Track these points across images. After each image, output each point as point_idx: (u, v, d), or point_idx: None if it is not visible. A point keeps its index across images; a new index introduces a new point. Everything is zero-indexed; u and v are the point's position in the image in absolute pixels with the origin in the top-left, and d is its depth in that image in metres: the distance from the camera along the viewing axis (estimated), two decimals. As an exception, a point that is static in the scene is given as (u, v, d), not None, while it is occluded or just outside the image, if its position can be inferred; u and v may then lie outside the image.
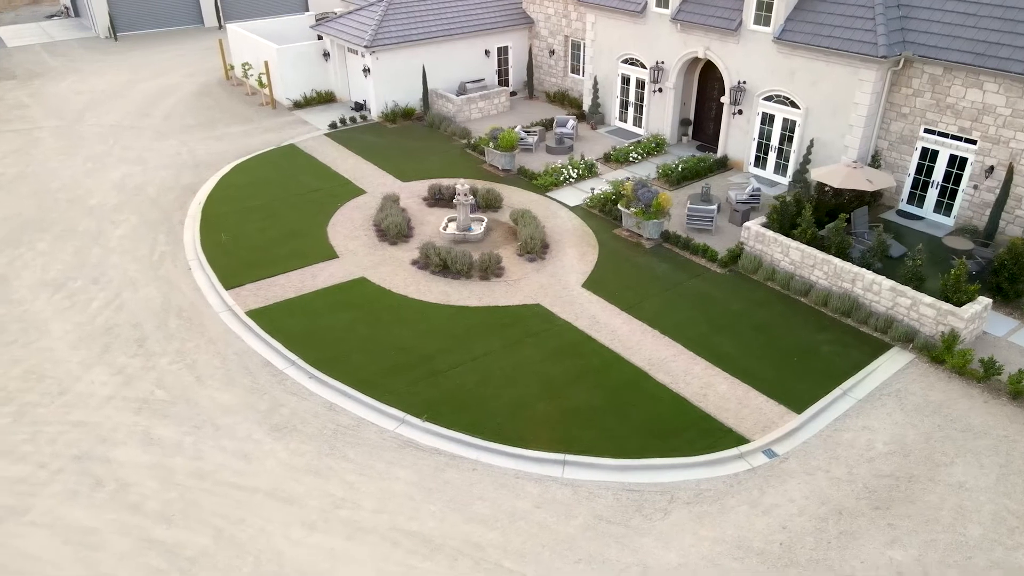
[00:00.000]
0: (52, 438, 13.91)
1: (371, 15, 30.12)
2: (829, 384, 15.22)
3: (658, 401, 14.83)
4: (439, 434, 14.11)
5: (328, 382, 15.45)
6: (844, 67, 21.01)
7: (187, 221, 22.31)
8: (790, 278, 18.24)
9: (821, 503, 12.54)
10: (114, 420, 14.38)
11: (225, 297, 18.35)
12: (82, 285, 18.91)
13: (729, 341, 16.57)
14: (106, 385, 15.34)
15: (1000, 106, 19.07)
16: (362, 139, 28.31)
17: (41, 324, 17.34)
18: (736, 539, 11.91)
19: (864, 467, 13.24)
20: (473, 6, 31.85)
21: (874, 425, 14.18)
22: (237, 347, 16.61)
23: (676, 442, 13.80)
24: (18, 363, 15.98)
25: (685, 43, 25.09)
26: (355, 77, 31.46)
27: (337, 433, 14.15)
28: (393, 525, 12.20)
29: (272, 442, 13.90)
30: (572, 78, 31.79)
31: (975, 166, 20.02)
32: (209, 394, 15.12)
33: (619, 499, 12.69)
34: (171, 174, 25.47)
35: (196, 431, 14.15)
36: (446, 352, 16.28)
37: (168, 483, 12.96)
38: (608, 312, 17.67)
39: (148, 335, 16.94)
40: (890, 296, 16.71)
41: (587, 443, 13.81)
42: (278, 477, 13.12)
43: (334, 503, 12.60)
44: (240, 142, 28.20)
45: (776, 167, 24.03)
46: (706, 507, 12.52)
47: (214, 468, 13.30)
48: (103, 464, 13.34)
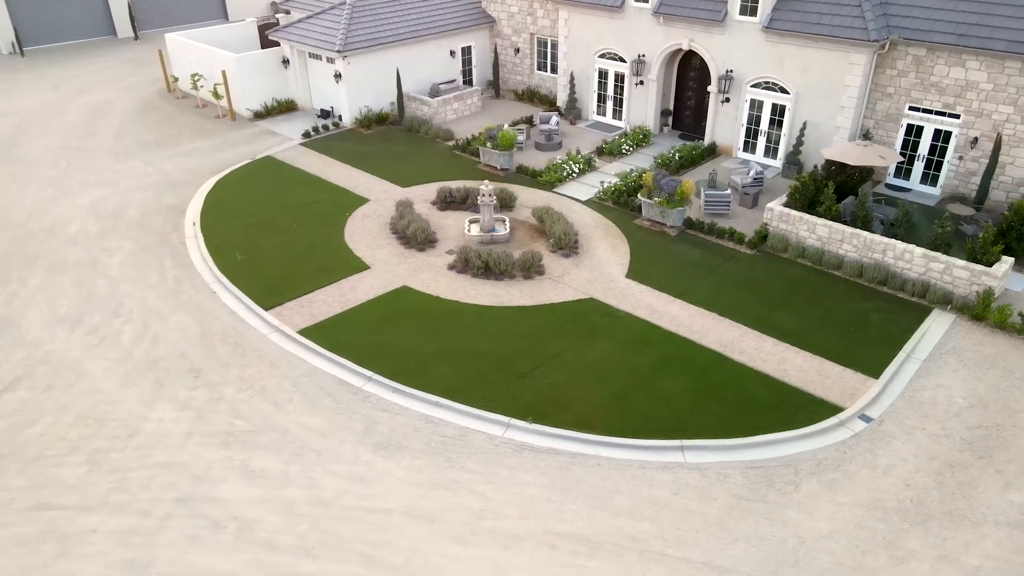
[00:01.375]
0: (143, 483, 12.84)
1: (335, 19, 29.22)
2: (892, 349, 16.17)
3: (745, 380, 15.30)
4: (550, 434, 14.01)
5: (415, 394, 15.01)
6: (834, 52, 22.27)
7: (188, 242, 20.99)
8: (821, 254, 19.20)
9: (931, 459, 13.36)
10: (203, 457, 13.43)
11: (267, 318, 17.43)
12: (102, 319, 17.47)
13: (786, 317, 17.28)
14: (178, 422, 14.28)
15: (982, 82, 20.78)
16: (343, 147, 27.45)
17: (74, 365, 15.91)
18: (870, 501, 12.51)
19: (954, 421, 14.19)
20: (435, 7, 31.48)
21: (946, 382, 15.21)
22: (303, 368, 15.83)
23: (778, 417, 14.31)
24: (67, 409, 14.61)
25: (667, 36, 25.81)
26: (318, 83, 30.44)
27: (446, 445, 13.78)
28: (544, 529, 12.05)
29: (383, 461, 13.39)
30: (540, 75, 32.00)
31: (960, 139, 21.72)
32: (295, 420, 14.37)
33: (748, 477, 13.05)
34: (149, 195, 23.85)
35: (298, 459, 13.42)
36: (522, 353, 16.15)
37: (292, 516, 12.25)
38: (662, 300, 18.02)
39: (200, 365, 15.88)
40: (922, 262, 17.92)
41: (697, 427, 14.09)
42: (406, 496, 12.66)
43: (475, 515, 12.30)
44: (211, 157, 26.73)
45: (766, 151, 25.15)
46: (831, 475, 13.07)
47: (334, 494, 12.68)
48: (212, 503, 12.45)
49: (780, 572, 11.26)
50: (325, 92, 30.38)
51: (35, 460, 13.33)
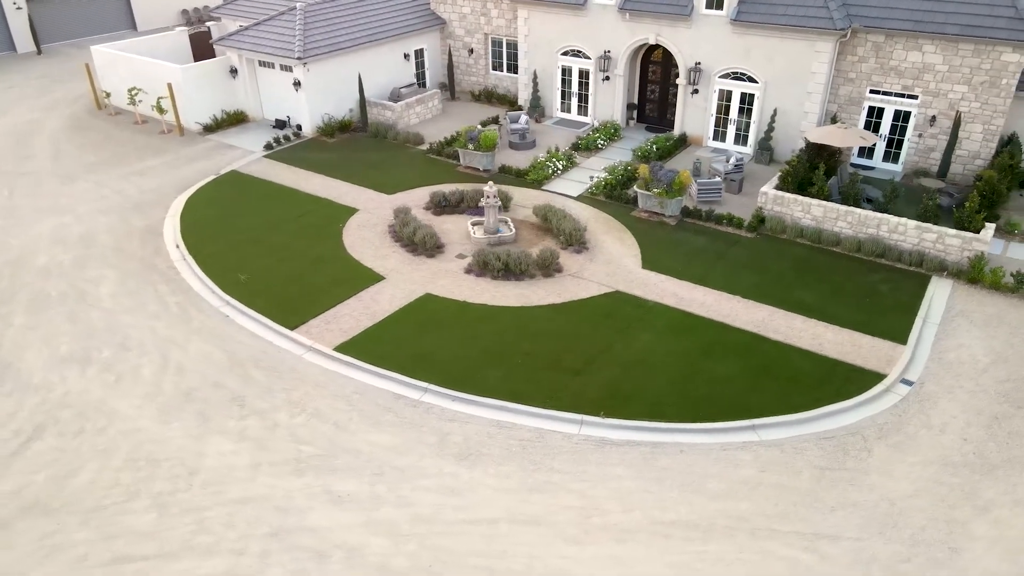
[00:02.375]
0: (225, 522, 12.07)
1: (287, 25, 28.19)
2: (908, 316, 17.26)
3: (788, 357, 15.95)
4: (624, 426, 14.15)
5: (479, 401, 14.80)
6: (800, 41, 23.45)
7: (178, 266, 19.79)
8: (819, 233, 20.22)
9: (977, 413, 14.38)
10: (280, 487, 12.76)
11: (296, 338, 16.71)
12: (113, 354, 16.24)
13: (804, 294, 18.11)
14: (238, 454, 13.49)
15: (938, 64, 22.43)
16: (311, 157, 26.55)
17: (99, 405, 14.72)
18: (938, 458, 13.35)
19: (983, 378, 15.33)
20: (386, 10, 30.90)
21: (965, 342, 16.39)
22: (352, 386, 15.29)
23: (830, 389, 15.01)
24: (110, 452, 13.52)
25: (633, 31, 26.40)
26: (270, 93, 29.29)
27: (526, 448, 13.68)
28: (651, 519, 12.18)
29: (468, 472, 13.14)
30: (496, 75, 31.99)
31: (918, 118, 23.36)
32: (362, 439, 13.87)
33: (823, 448, 13.64)
34: (114, 219, 22.29)
35: (380, 478, 12.97)
36: (569, 351, 16.20)
37: (397, 536, 11.84)
38: (684, 287, 18.49)
39: (241, 393, 15.04)
40: (916, 234, 19.19)
41: (758, 406, 14.58)
42: (504, 503, 12.49)
43: (580, 513, 12.29)
44: (170, 175, 25.25)
45: (736, 138, 26.18)
46: (895, 438, 13.85)
47: (432, 510, 12.35)
48: (308, 534, 11.86)
49: (885, 534, 11.86)
50: (278, 101, 29.25)
51: (95, 510, 12.28)
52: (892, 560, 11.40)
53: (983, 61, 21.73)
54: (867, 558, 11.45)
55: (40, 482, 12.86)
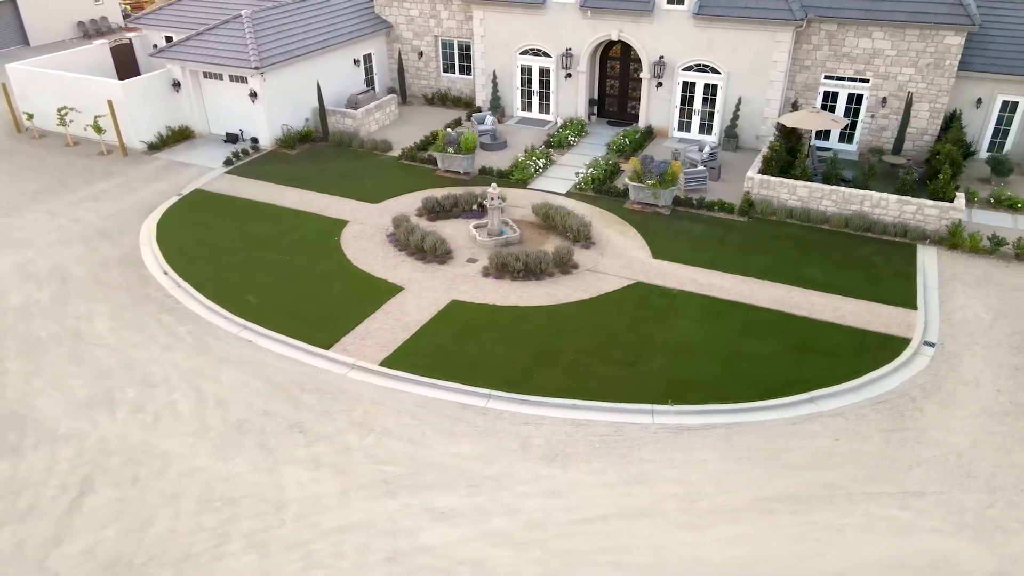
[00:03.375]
0: (335, 552, 11.51)
1: (235, 34, 26.89)
2: (908, 283, 18.54)
3: (819, 331, 16.79)
4: (694, 412, 14.50)
5: (547, 402, 14.76)
6: (761, 32, 24.64)
7: (175, 294, 18.59)
8: (807, 212, 21.35)
9: (999, 366, 15.68)
10: (378, 510, 12.28)
11: (335, 357, 16.09)
12: (139, 392, 15.07)
13: (812, 270, 19.09)
14: (320, 482, 12.87)
15: (887, 49, 24.14)
16: (278, 170, 25.47)
17: (146, 448, 13.64)
18: (981, 410, 14.47)
19: (993, 333, 16.71)
20: (333, 15, 30.02)
21: (966, 303, 17.79)
22: (411, 400, 14.89)
23: (868, 356, 15.93)
24: (180, 497, 12.57)
25: (595, 28, 26.89)
26: (217, 106, 27.88)
27: (609, 443, 13.78)
28: (753, 497, 12.58)
29: (563, 472, 13.11)
30: (448, 77, 31.72)
31: (870, 100, 25.06)
32: (443, 452, 13.55)
33: (880, 412, 14.49)
34: (82, 250, 20.64)
35: (477, 489, 12.73)
36: (615, 344, 16.40)
37: (517, 545, 11.67)
38: (700, 273, 19.08)
39: (296, 419, 14.34)
40: (897, 207, 20.62)
41: (808, 379, 15.30)
42: (609, 499, 12.55)
43: (685, 500, 12.53)
44: (127, 199, 23.61)
45: (701, 128, 27.17)
46: (938, 395, 14.89)
47: (542, 515, 12.24)
48: (426, 554, 11.49)
49: (963, 484, 12.77)
50: (227, 114, 27.87)
51: (187, 559, 11.40)
52: (979, 507, 12.30)
53: (928, 45, 23.58)
54: (957, 508, 12.30)
55: (112, 537, 11.80)
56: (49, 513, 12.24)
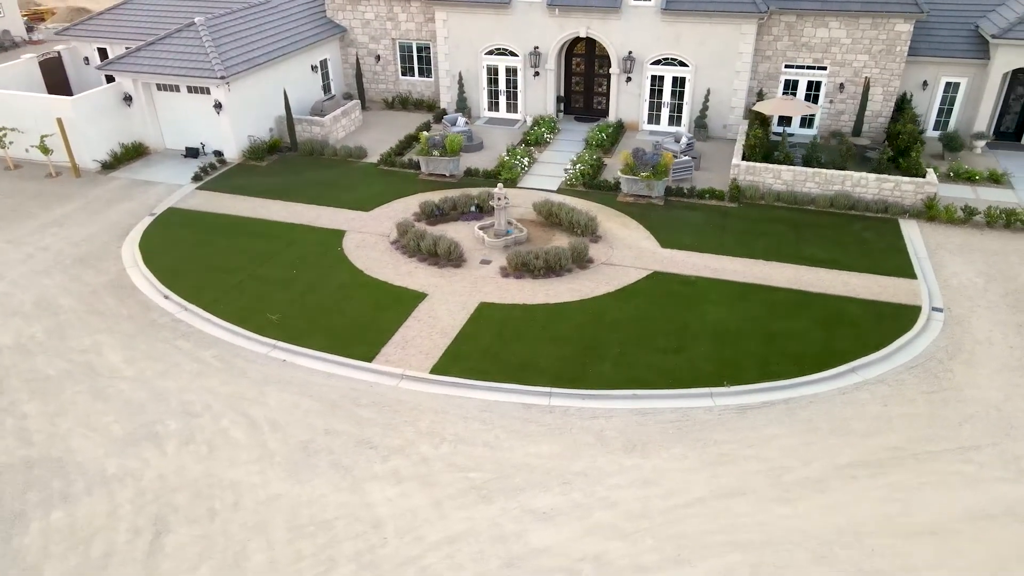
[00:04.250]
0: (451, 564, 11.27)
1: (190, 43, 25.63)
2: (901, 255, 19.77)
3: (837, 306, 17.67)
4: (750, 391, 15.00)
5: (609, 394, 14.93)
6: (727, 25, 25.61)
7: (183, 317, 17.64)
8: (793, 195, 22.39)
9: (1003, 325, 16.97)
10: (477, 517, 12.11)
11: (381, 369, 15.70)
12: (182, 424, 14.23)
13: (812, 249, 20.04)
14: (409, 495, 12.55)
15: (843, 37, 25.60)
16: (253, 183, 24.48)
17: (213, 481, 12.91)
18: (1002, 366, 15.65)
19: (988, 295, 18.07)
20: (287, 20, 29.06)
21: (957, 270, 19.15)
22: (472, 405, 14.72)
23: (889, 326, 16.90)
24: (267, 527, 11.98)
25: (563, 26, 27.21)
26: (173, 119, 26.56)
27: (680, 428, 14.08)
28: (831, 466, 13.14)
29: (646, 460, 13.30)
30: (407, 81, 31.30)
31: (828, 86, 26.51)
32: (524, 452, 13.48)
33: (915, 375, 15.44)
34: (63, 279, 19.26)
35: (570, 486, 12.75)
36: (654, 333, 16.73)
37: (629, 535, 11.76)
38: (710, 259, 19.70)
39: (362, 434, 13.91)
40: (876, 185, 21.94)
41: (841, 351, 16.10)
42: (699, 481, 12.83)
43: (771, 475, 12.95)
44: (96, 222, 22.17)
45: (670, 120, 27.96)
46: (961, 356, 15.99)
47: (640, 504, 12.39)
48: (544, 555, 11.42)
49: (1009, 435, 13.80)
50: (185, 127, 26.56)
51: (301, 590, 10.91)
52: (1030, 454, 13.36)
53: (880, 32, 25.17)
54: (1012, 457, 13.29)
55: (209, 574, 11.12)
56: (130, 558, 11.41)
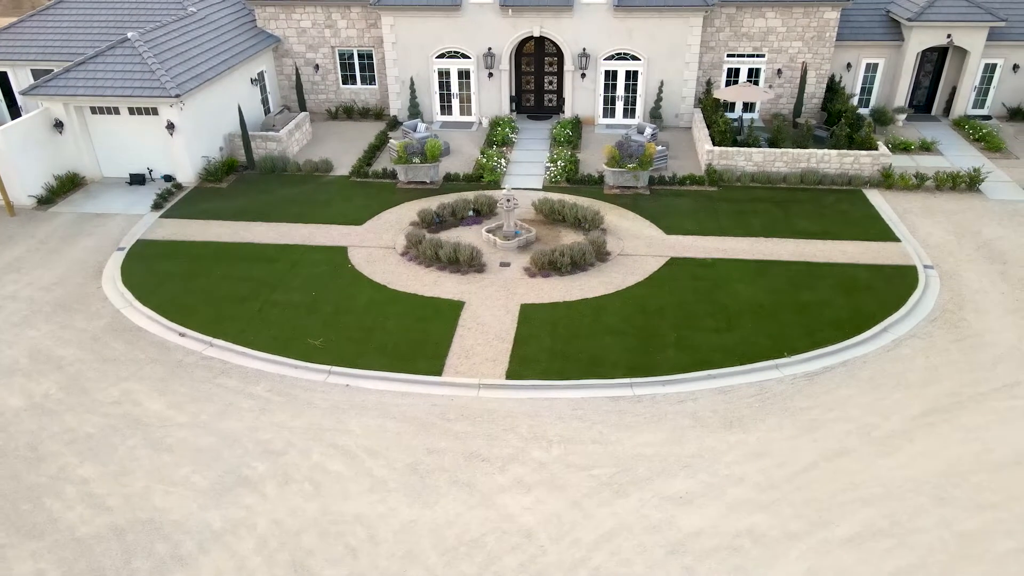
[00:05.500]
0: (620, 560, 11.32)
1: (127, 60, 23.67)
2: (877, 221, 21.58)
3: (846, 273, 19.07)
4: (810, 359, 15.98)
5: (686, 378, 15.44)
6: (676, 19, 26.80)
7: (212, 354, 16.44)
8: (766, 175, 23.87)
9: (988, 275, 18.98)
10: (622, 512, 12.21)
11: (455, 380, 15.38)
12: (270, 464, 13.33)
13: (803, 223, 21.47)
14: (543, 502, 12.43)
15: (779, 26, 27.49)
16: (223, 207, 23.01)
17: (333, 517, 12.20)
18: (1005, 311, 17.53)
19: (963, 250, 20.11)
20: (221, 32, 27.40)
21: (928, 230, 21.17)
22: (562, 406, 14.75)
23: (898, 284, 18.46)
24: (416, 556, 11.49)
25: (515, 26, 27.41)
26: (111, 144, 24.50)
27: (763, 400, 14.79)
28: (908, 418, 14.30)
29: (747, 435, 13.90)
30: (349, 90, 30.36)
31: (767, 72, 28.37)
32: (633, 443, 13.70)
33: (938, 327, 17.01)
34: (51, 328, 17.42)
35: (691, 469, 13.12)
36: (699, 315, 17.39)
37: (767, 506, 12.29)
38: (716, 241, 20.67)
39: (467, 448, 13.61)
40: (838, 160, 23.81)
41: (871, 312, 17.44)
42: (803, 447, 13.57)
43: (861, 433, 13.89)
44: (57, 264, 20.15)
45: (624, 112, 28.88)
46: (968, 306, 17.73)
47: (763, 476, 12.95)
48: (698, 537, 11.72)
49: (1038, 368, 15.60)
50: (127, 153, 24.54)
51: (486, 611, 10.60)
52: (1061, 383, 15.16)
53: (811, 20, 27.24)
54: (1048, 388, 15.04)
55: (383, 614, 10.58)
56: (287, 612, 10.63)
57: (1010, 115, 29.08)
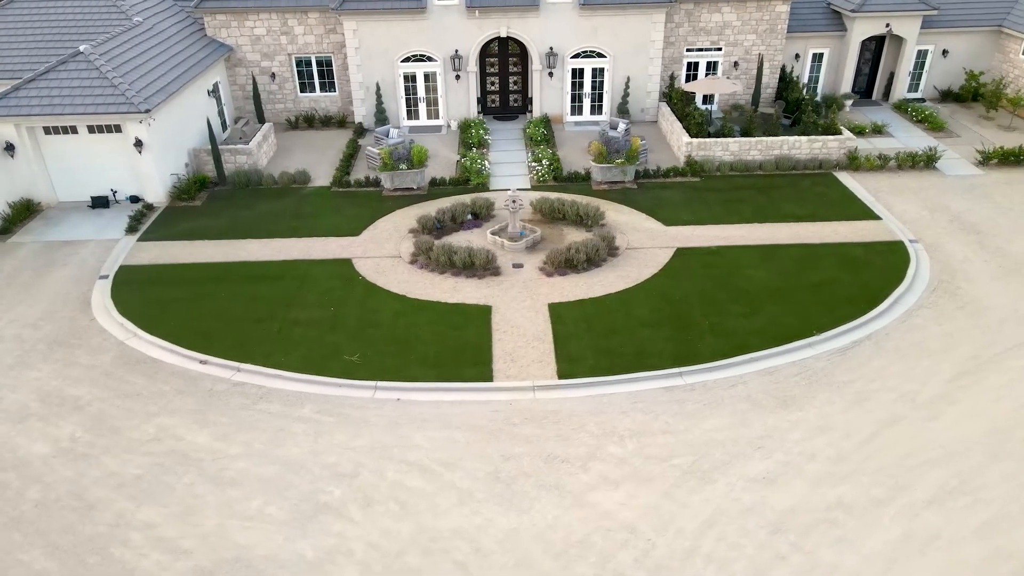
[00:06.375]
0: (729, 544, 11.54)
1: (82, 75, 22.12)
2: (856, 201, 22.79)
3: (843, 252, 20.02)
4: (834, 335, 16.73)
5: (729, 363, 15.88)
6: (640, 16, 27.39)
7: (242, 379, 15.68)
8: (743, 163, 24.77)
9: (967, 244, 20.37)
10: (712, 498, 12.46)
11: (506, 386, 15.26)
12: (346, 488, 12.84)
13: (789, 207, 22.39)
14: (635, 496, 12.52)
15: (734, 21, 28.54)
16: (204, 226, 21.91)
17: (436, 535, 11.87)
18: (991, 277, 18.86)
19: (937, 223, 21.50)
20: (172, 43, 25.99)
21: (903, 207, 22.50)
22: (619, 400, 14.89)
23: (892, 258, 19.54)
24: (529, 563, 11.33)
25: (481, 27, 27.30)
26: (67, 166, 22.93)
27: (808, 378, 15.39)
28: (943, 381, 15.22)
29: (804, 412, 14.43)
30: (308, 97, 29.42)
31: (724, 64, 29.41)
32: (701, 430, 13.99)
33: (942, 295, 18.13)
34: (53, 367, 16.18)
35: (764, 450, 13.51)
36: (722, 302, 17.87)
37: (847, 478, 12.80)
38: (715, 230, 21.27)
39: (541, 451, 13.53)
40: (807, 145, 24.98)
41: (878, 286, 18.39)
42: (861, 418, 14.21)
43: (906, 399, 14.68)
44: (35, 298, 18.71)
45: (592, 109, 29.26)
46: (960, 275, 18.96)
47: (833, 450, 13.48)
48: (794, 513, 12.10)
49: (1041, 326, 16.91)
50: (83, 175, 23.01)
51: (619, 610, 10.57)
52: (1062, 339, 16.50)
53: (764, 14, 28.44)
54: (1055, 342, 16.34)
55: (517, 626, 10.40)
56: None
57: (941, 97, 31.28)
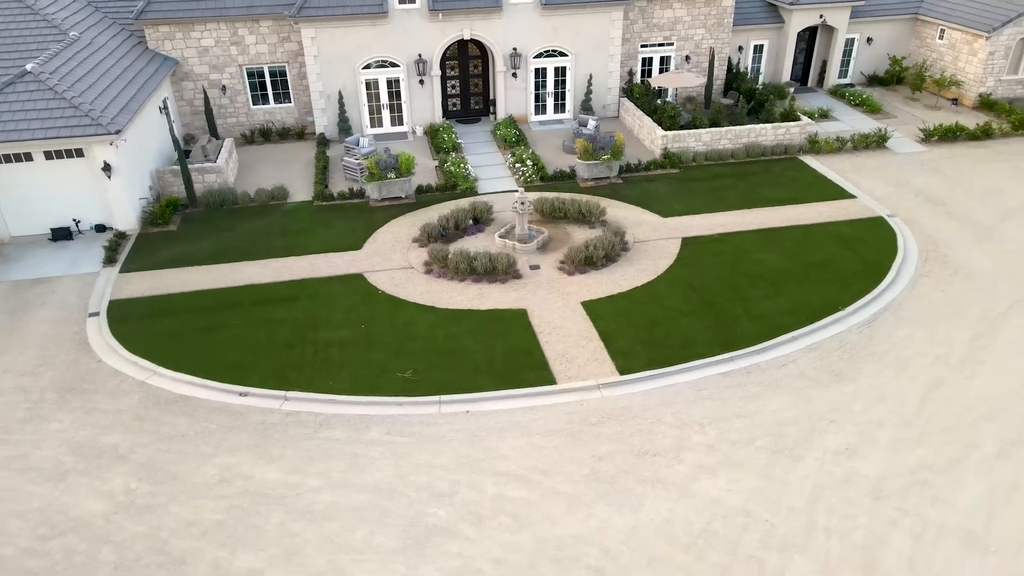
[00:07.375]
0: (843, 515, 11.99)
1: (32, 96, 20.37)
2: (828, 182, 24.08)
3: (835, 230, 21.14)
4: (859, 308, 17.64)
5: (769, 346, 16.42)
6: (599, 14, 27.82)
7: (294, 407, 14.90)
8: (716, 153, 25.68)
9: (936, 215, 21.96)
10: (806, 476, 12.90)
11: (571, 387, 15.23)
12: (450, 508, 12.45)
13: (770, 192, 23.38)
14: (737, 480, 12.80)
15: (684, 16, 29.50)
16: (190, 251, 20.61)
17: (558, 545, 11.71)
18: (968, 244, 20.41)
19: (906, 197, 23.08)
20: (118, 58, 24.21)
21: (872, 186, 23.98)
22: (683, 390, 15.16)
23: (880, 234, 20.80)
24: (659, 558, 11.36)
25: (444, 30, 26.95)
26: (19, 196, 20.97)
27: (850, 352, 16.18)
28: (967, 341, 16.37)
29: (857, 384, 15.17)
30: (263, 110, 28.09)
31: (677, 58, 30.34)
32: (770, 411, 14.45)
33: (933, 263, 19.46)
34: (73, 416, 14.88)
35: (836, 424, 14.11)
36: (743, 287, 18.47)
37: (921, 442, 13.58)
38: (710, 219, 21.93)
39: (628, 448, 13.60)
40: (772, 132, 26.18)
41: (877, 260, 19.52)
42: (908, 387, 15.09)
43: (943, 362, 15.71)
44: (21, 343, 17.17)
45: (556, 108, 29.46)
46: (943, 244, 20.42)
47: (897, 418, 14.25)
48: (886, 480, 12.73)
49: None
50: (37, 205, 21.13)
51: None
52: (1050, 295, 18.10)
53: (712, 8, 29.53)
54: (1043, 300, 17.90)
55: (676, 622, 10.41)
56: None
57: (868, 81, 33.52)
